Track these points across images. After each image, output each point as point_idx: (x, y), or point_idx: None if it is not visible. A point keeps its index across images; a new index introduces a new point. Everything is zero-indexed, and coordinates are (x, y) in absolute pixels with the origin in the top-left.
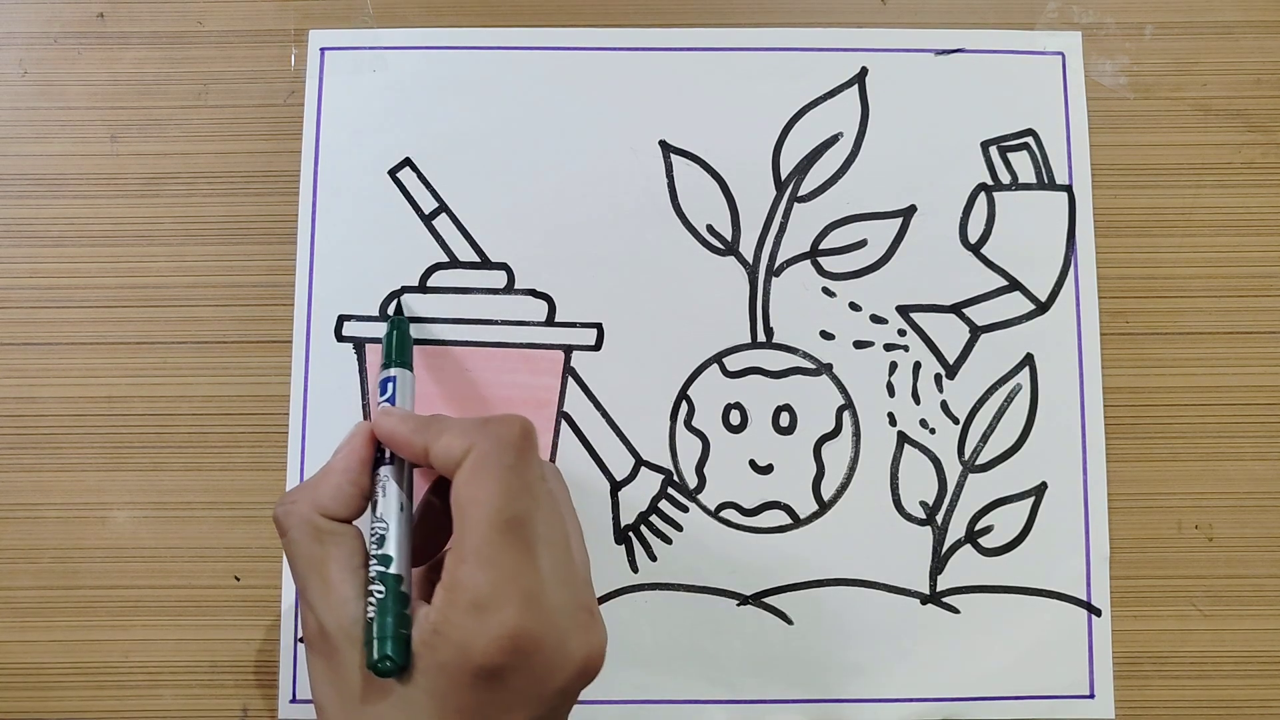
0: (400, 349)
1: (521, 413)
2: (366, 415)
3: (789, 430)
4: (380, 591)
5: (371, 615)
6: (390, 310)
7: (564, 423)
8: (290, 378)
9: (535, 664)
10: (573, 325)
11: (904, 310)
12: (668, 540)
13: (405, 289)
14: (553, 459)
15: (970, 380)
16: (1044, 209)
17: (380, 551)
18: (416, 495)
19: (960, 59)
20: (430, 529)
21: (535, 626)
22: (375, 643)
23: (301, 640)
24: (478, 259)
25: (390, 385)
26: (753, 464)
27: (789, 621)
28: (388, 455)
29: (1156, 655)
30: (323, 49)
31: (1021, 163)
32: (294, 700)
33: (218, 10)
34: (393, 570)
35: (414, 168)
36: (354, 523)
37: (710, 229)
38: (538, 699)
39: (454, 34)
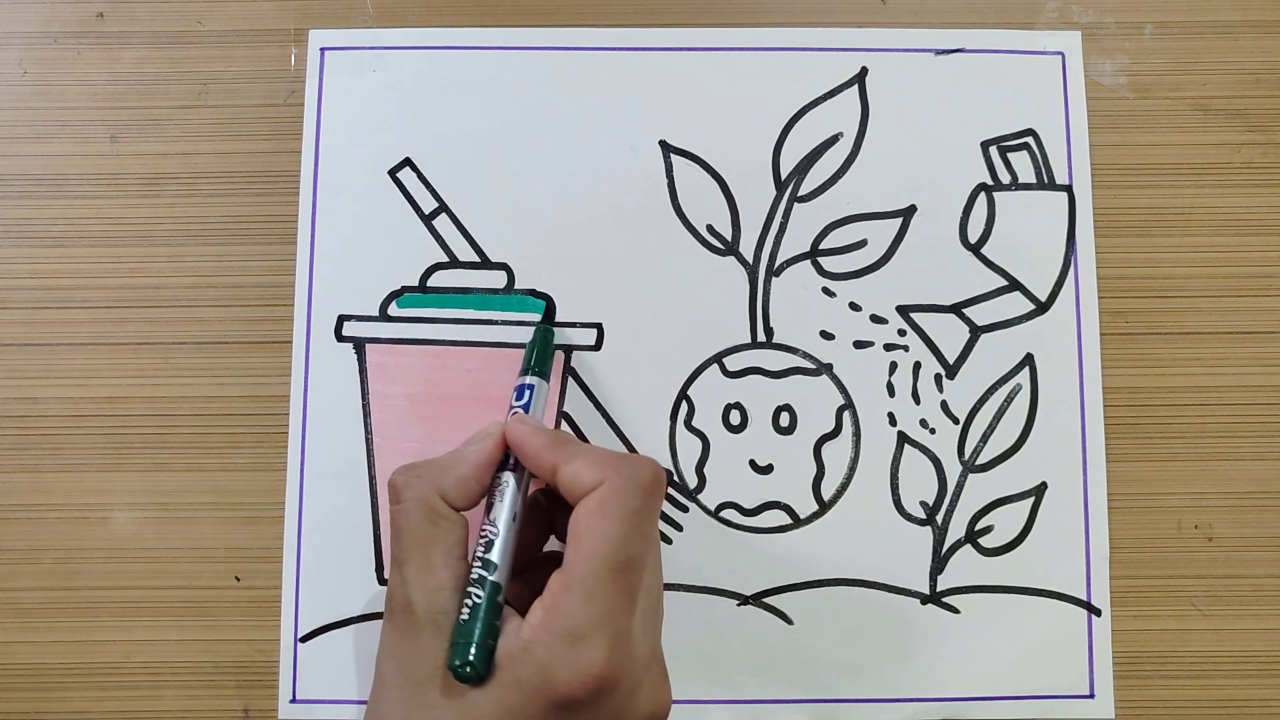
0: (542, 357)
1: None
2: (367, 415)
3: (789, 430)
4: (479, 596)
5: (465, 618)
6: (539, 318)
7: (564, 423)
8: (290, 378)
9: (606, 706)
10: (573, 325)
11: (904, 310)
12: (668, 540)
13: (406, 289)
14: None
15: (970, 380)
16: (1044, 209)
17: (485, 556)
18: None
19: (960, 59)
20: (528, 529)
21: (619, 670)
22: (461, 646)
23: (304, 639)
24: (478, 259)
25: (527, 393)
26: (753, 464)
27: (789, 621)
28: (511, 461)
29: (1156, 655)
30: (323, 49)
31: (1021, 163)
32: (294, 700)
33: (218, 10)
34: (493, 578)
35: (414, 168)
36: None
37: (710, 229)
38: None
39: (454, 34)
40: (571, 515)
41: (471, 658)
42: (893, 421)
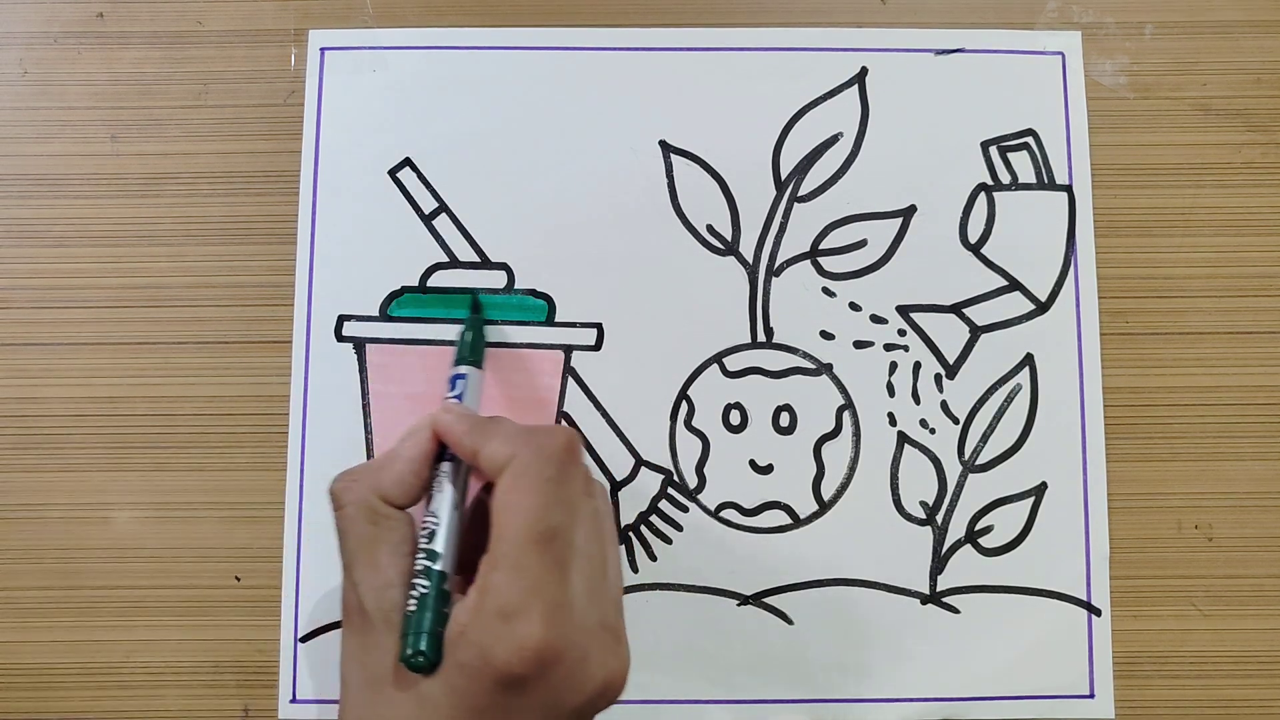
0: (474, 347)
1: (521, 412)
2: (367, 415)
3: (789, 430)
4: (424, 586)
5: (412, 609)
6: (470, 306)
7: (564, 423)
8: (290, 378)
9: (554, 678)
10: (573, 325)
11: (904, 310)
12: (668, 540)
13: (406, 289)
14: None
15: (970, 380)
16: (1044, 209)
17: (429, 546)
18: (471, 494)
19: (960, 59)
20: (481, 527)
21: (558, 641)
22: (411, 637)
23: (304, 639)
24: (478, 259)
25: (460, 383)
26: (753, 464)
27: (789, 621)
28: (449, 452)
29: (1156, 655)
30: (323, 49)
31: (1021, 163)
32: (294, 700)
33: (218, 10)
34: (438, 567)
35: (414, 168)
36: (408, 511)
37: (710, 229)
38: (553, 713)
39: (454, 34)
40: (494, 494)
41: (422, 646)
42: (893, 421)
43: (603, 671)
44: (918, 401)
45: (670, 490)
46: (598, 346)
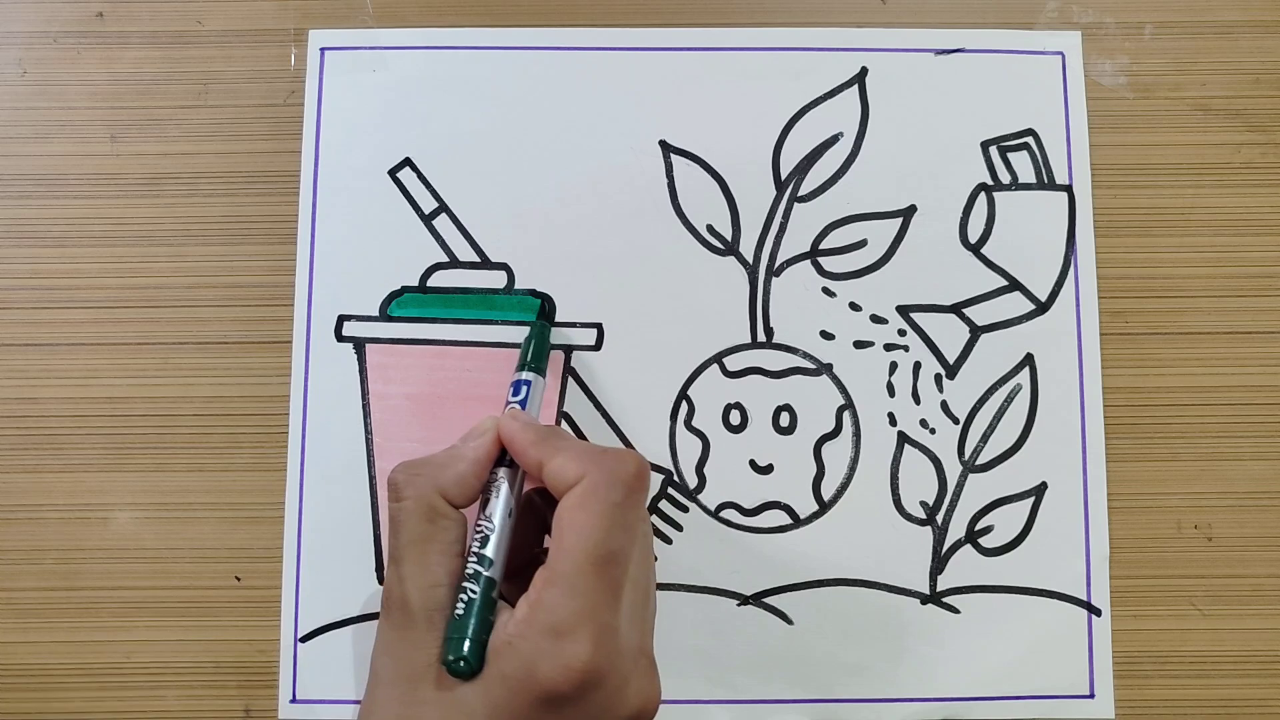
0: (539, 353)
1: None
2: (367, 415)
3: (789, 430)
4: (473, 591)
5: (460, 613)
6: (536, 313)
7: (564, 423)
8: (290, 378)
9: (593, 700)
10: (573, 325)
11: (904, 310)
12: (668, 540)
13: (406, 289)
14: None
15: (970, 380)
16: (1044, 209)
17: (481, 551)
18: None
19: (960, 59)
20: (525, 527)
21: (604, 664)
22: (455, 641)
23: (304, 639)
24: (478, 259)
25: (524, 389)
26: (753, 464)
27: (789, 621)
28: (506, 457)
29: (1156, 655)
30: (323, 49)
31: (1021, 163)
32: (295, 700)
33: (218, 10)
34: (488, 573)
35: (414, 168)
36: (462, 512)
37: (710, 229)
38: None
39: (454, 34)
40: (556, 510)
41: (465, 652)
42: (893, 421)
43: (639, 699)
44: (918, 401)
45: (670, 490)
46: (598, 346)
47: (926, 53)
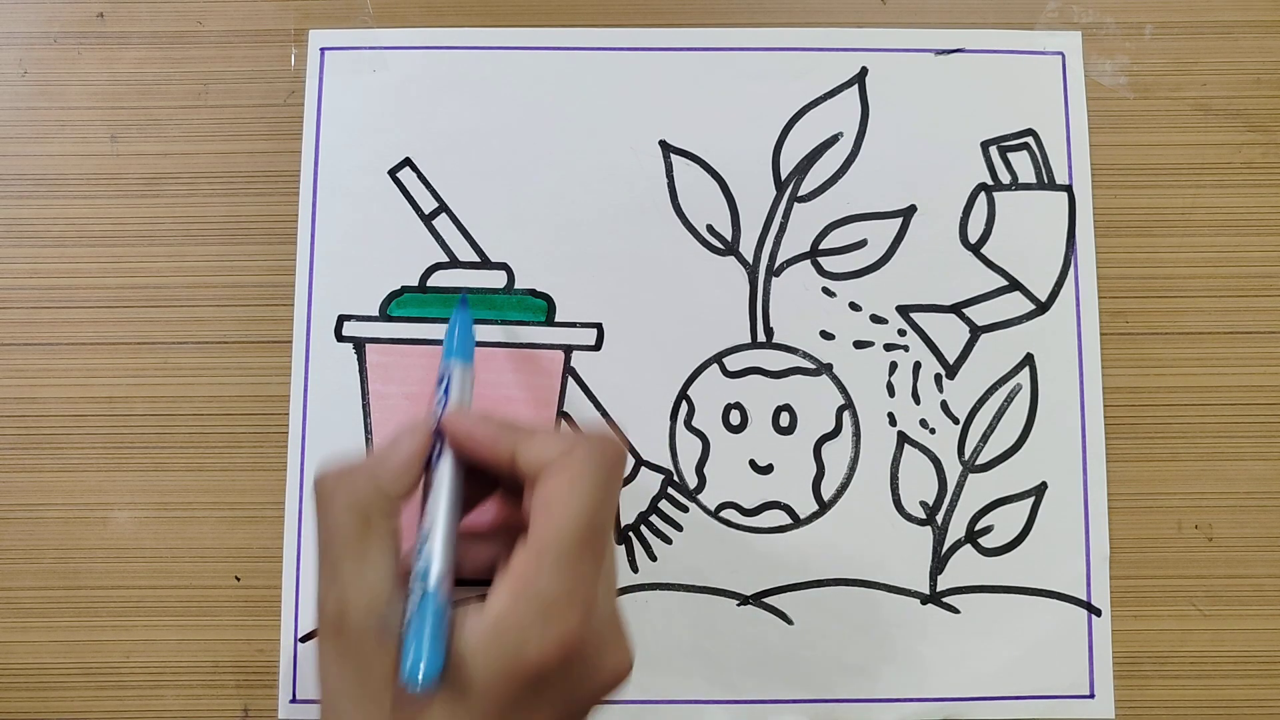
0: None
1: (521, 412)
2: (367, 415)
3: (789, 430)
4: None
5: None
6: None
7: (564, 423)
8: (290, 378)
9: (574, 671)
10: (573, 325)
11: (904, 310)
12: (668, 540)
13: (406, 289)
14: None
15: (970, 380)
16: (1044, 209)
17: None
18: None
19: (960, 59)
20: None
21: (587, 634)
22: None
23: (304, 639)
24: (478, 259)
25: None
26: (753, 464)
27: (789, 621)
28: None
29: (1156, 655)
30: (323, 49)
31: (1021, 163)
32: (294, 700)
33: (218, 10)
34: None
35: (414, 168)
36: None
37: (710, 229)
38: (568, 704)
39: (454, 34)
40: (536, 490)
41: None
42: (893, 421)
43: (614, 661)
44: (918, 401)
45: (670, 490)
46: (598, 346)
47: (926, 53)
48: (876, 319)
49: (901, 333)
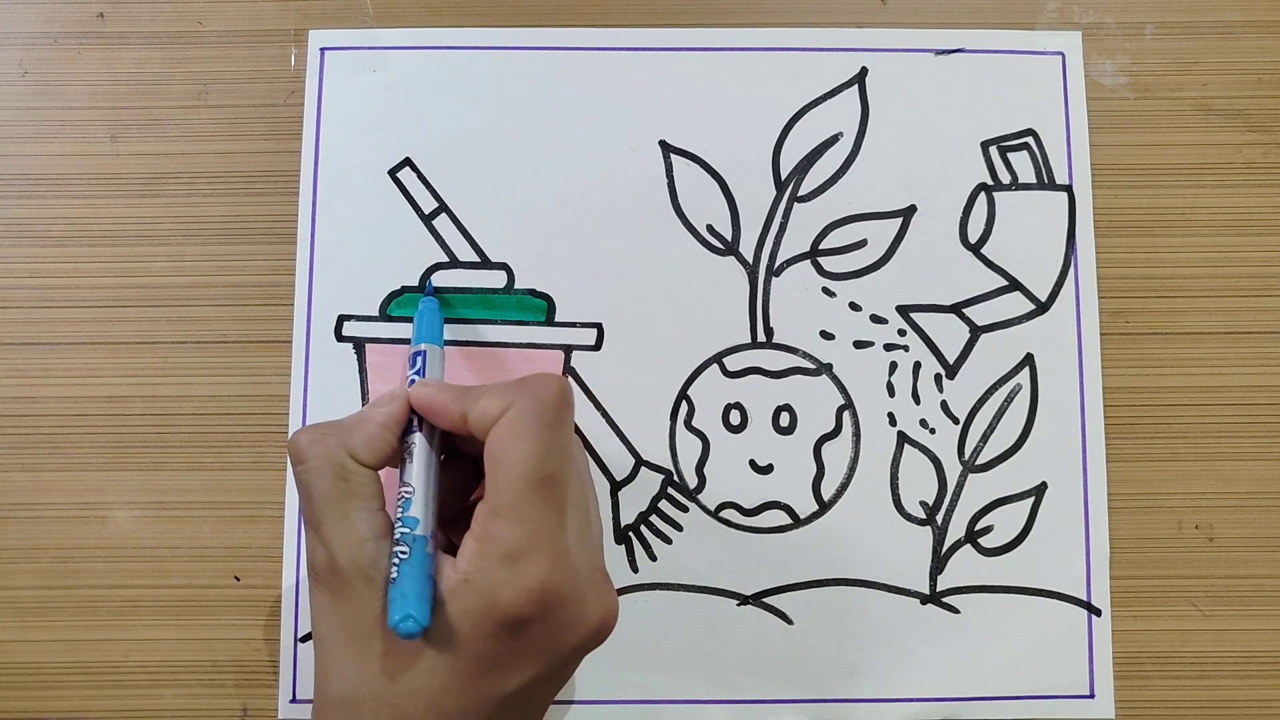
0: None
1: None
2: None
3: (789, 430)
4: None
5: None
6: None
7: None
8: (290, 378)
9: (555, 619)
10: (573, 325)
11: (904, 310)
12: (668, 540)
13: (405, 289)
14: None
15: (970, 380)
16: (1044, 209)
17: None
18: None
19: (960, 59)
20: (450, 486)
21: (562, 582)
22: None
23: (303, 639)
24: (478, 259)
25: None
26: (753, 464)
27: (789, 621)
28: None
29: (1156, 655)
30: (323, 49)
31: (1021, 163)
32: (294, 700)
33: (218, 10)
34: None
35: (414, 168)
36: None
37: (710, 229)
38: (552, 653)
39: (454, 34)
40: (486, 447)
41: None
42: (893, 421)
43: (598, 611)
44: (918, 401)
45: (670, 490)
46: (598, 346)
47: (926, 53)
48: (876, 319)
49: (901, 333)
